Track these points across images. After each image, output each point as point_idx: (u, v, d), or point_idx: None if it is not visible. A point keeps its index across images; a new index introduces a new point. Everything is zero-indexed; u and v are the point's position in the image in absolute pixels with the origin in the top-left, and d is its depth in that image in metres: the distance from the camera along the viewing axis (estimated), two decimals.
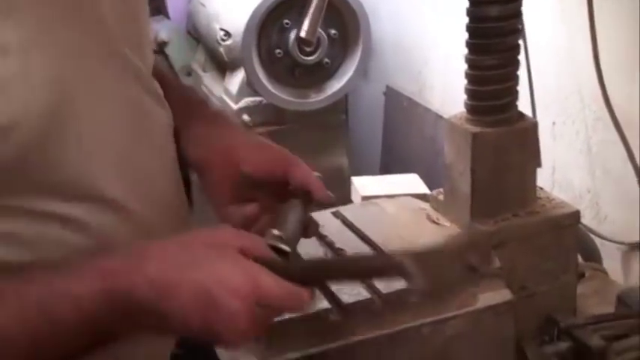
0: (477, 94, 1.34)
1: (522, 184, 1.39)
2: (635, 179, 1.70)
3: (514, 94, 1.36)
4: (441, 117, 2.33)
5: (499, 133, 1.34)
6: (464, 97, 1.39)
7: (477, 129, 1.33)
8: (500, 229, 1.35)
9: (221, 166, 1.00)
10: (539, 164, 1.82)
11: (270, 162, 1.01)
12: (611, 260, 1.82)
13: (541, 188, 1.48)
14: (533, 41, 1.79)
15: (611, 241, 1.82)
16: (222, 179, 1.00)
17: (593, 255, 1.75)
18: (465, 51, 1.36)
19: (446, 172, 1.43)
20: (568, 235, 1.41)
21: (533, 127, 1.38)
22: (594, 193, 1.89)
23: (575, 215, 1.41)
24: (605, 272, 1.70)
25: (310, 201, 1.01)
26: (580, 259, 1.74)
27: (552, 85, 1.92)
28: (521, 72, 1.78)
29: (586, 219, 1.86)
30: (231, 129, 1.07)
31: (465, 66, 1.37)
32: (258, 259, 0.79)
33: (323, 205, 1.04)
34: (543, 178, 1.92)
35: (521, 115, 1.38)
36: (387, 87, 2.91)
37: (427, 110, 2.54)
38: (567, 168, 1.96)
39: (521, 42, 1.41)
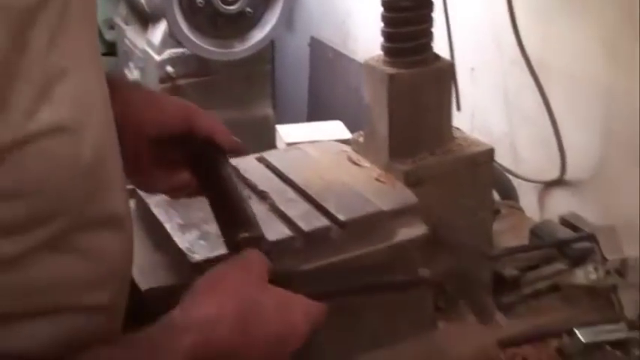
0: (392, 35, 1.38)
1: (439, 124, 1.43)
2: (548, 121, 1.77)
3: (429, 35, 1.40)
4: None
5: (415, 74, 1.38)
6: None
7: (393, 70, 1.37)
8: (417, 167, 1.39)
9: (128, 136, 0.94)
10: (458, 108, 1.88)
11: (172, 119, 1.00)
12: (528, 199, 1.90)
13: (457, 128, 1.52)
14: None
15: (527, 180, 1.89)
16: (133, 147, 0.98)
17: (509, 194, 1.82)
18: None
19: (365, 114, 1.46)
20: (483, 172, 1.47)
21: (448, 68, 1.42)
22: (511, 135, 1.96)
23: (490, 153, 1.46)
24: (521, 210, 1.78)
25: (221, 152, 1.03)
26: (497, 198, 1.81)
27: (470, 31, 1.97)
28: (440, 19, 1.84)
29: (504, 160, 1.93)
30: (124, 91, 0.99)
31: None
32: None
33: (234, 153, 1.04)
34: (463, 122, 1.98)
35: (437, 57, 1.42)
36: (312, 38, 2.94)
37: (351, 60, 2.57)
38: (486, 112, 2.02)
39: None
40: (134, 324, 0.77)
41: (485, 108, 2.01)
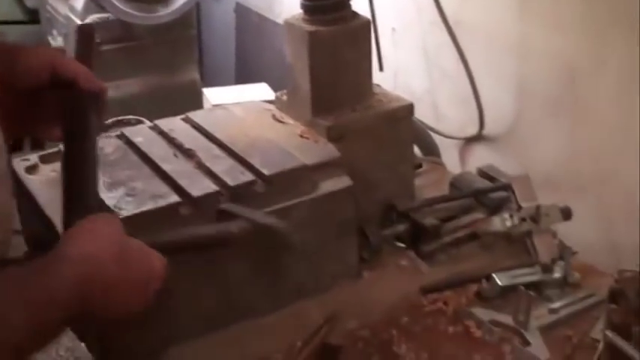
0: None
1: (359, 81, 1.47)
2: (467, 79, 1.82)
3: None
4: None
5: (334, 31, 1.41)
6: None
7: (312, 28, 1.40)
8: (339, 123, 1.43)
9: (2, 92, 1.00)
10: (380, 68, 1.92)
11: (36, 69, 1.00)
12: (450, 154, 1.96)
13: (378, 85, 1.57)
14: None
15: (448, 137, 1.95)
16: (10, 102, 1.00)
17: (431, 150, 1.87)
18: None
19: (287, 73, 1.49)
20: (403, 127, 1.51)
21: (366, 25, 1.45)
22: (433, 94, 2.01)
23: (410, 108, 1.51)
24: (443, 165, 1.83)
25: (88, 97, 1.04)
26: (420, 154, 1.87)
27: None
28: None
29: (426, 118, 1.99)
30: None
31: None
32: None
33: (96, 96, 1.05)
34: (386, 82, 2.02)
35: (355, 15, 1.46)
36: (237, 4, 2.94)
37: (276, 24, 2.59)
38: (407, 72, 2.07)
39: None
40: None
41: (406, 68, 2.06)
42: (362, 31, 1.45)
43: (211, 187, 1.29)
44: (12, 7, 3.04)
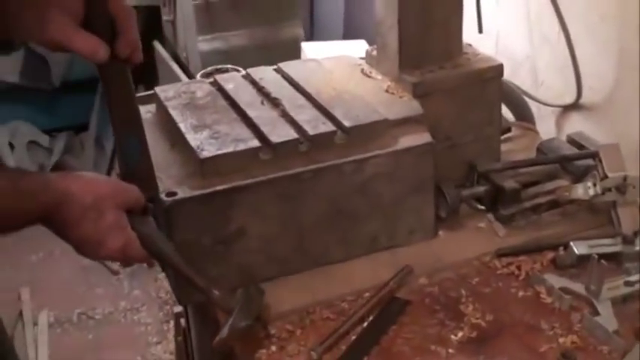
0: None
1: (447, 38, 1.46)
2: (566, 45, 1.78)
3: None
4: None
5: None
6: None
7: None
8: (425, 80, 1.43)
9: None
10: (480, 30, 1.89)
11: None
12: (546, 122, 1.92)
13: (469, 44, 1.55)
14: None
15: (545, 104, 1.91)
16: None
17: (525, 115, 1.84)
18: None
19: (377, 28, 1.50)
20: (491, 88, 1.50)
21: None
22: (532, 59, 1.97)
23: (498, 69, 1.49)
24: (535, 131, 1.80)
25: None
26: (513, 119, 1.84)
27: None
28: None
29: (525, 83, 1.95)
30: None
31: None
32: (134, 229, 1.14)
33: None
34: (487, 45, 2.00)
35: None
36: None
37: None
38: (509, 35, 2.03)
39: None
40: None
41: (508, 31, 2.02)
42: None
43: (291, 134, 1.32)
44: None
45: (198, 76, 1.93)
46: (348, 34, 2.90)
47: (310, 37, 3.09)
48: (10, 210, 1.04)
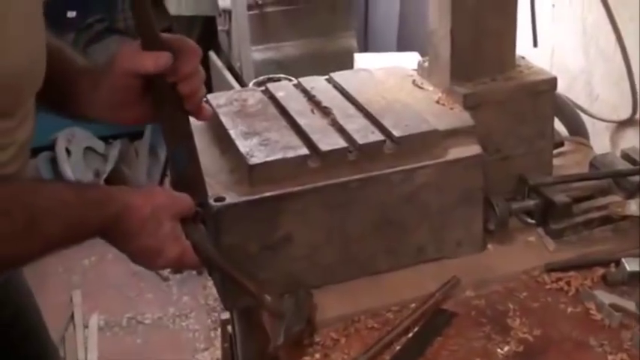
0: None
1: (501, 50, 1.45)
2: (622, 60, 1.75)
3: None
4: None
5: None
6: None
7: None
8: (476, 91, 1.42)
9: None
10: (535, 44, 1.88)
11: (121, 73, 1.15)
12: (601, 137, 1.90)
13: (523, 57, 1.54)
14: None
15: (600, 119, 1.88)
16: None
17: (579, 130, 1.82)
18: None
19: (430, 39, 1.49)
20: (544, 101, 1.48)
21: None
22: (588, 73, 1.94)
23: (552, 82, 1.47)
24: (588, 146, 1.77)
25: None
26: (567, 134, 1.82)
27: None
28: None
29: (580, 99, 1.93)
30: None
31: None
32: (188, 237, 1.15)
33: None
34: (543, 60, 1.98)
35: None
36: None
37: None
38: (564, 49, 2.01)
39: None
40: None
41: (564, 45, 2.00)
42: (507, 1, 1.42)
43: (340, 143, 1.32)
44: None
45: (250, 85, 1.95)
46: (402, 45, 2.90)
47: (364, 48, 3.10)
48: (76, 222, 1.05)
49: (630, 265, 1.32)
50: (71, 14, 3.98)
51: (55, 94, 1.18)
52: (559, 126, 1.78)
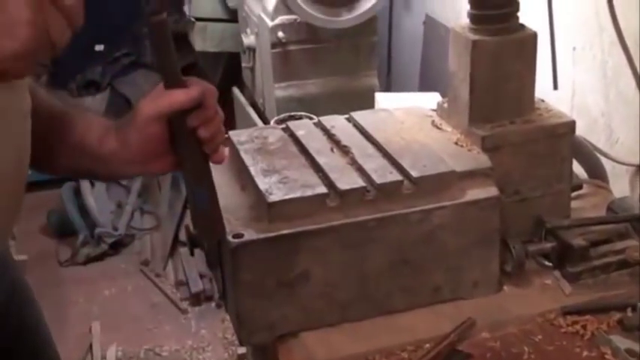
0: (478, 3, 1.42)
1: (520, 93, 1.46)
2: None
3: (514, 4, 1.42)
4: None
5: (498, 41, 1.42)
6: None
7: (477, 37, 1.41)
8: (494, 133, 1.43)
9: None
10: (555, 86, 1.90)
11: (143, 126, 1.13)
12: (621, 180, 1.90)
13: (542, 100, 1.55)
14: None
15: (618, 162, 1.88)
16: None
17: (598, 173, 1.82)
18: None
19: (449, 80, 1.51)
20: (563, 144, 1.49)
21: (532, 38, 1.44)
22: (608, 116, 1.95)
23: (570, 125, 1.48)
24: (607, 189, 1.78)
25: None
26: (586, 176, 1.82)
27: (572, 10, 1.97)
28: None
29: (600, 142, 1.94)
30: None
31: None
32: None
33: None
34: (563, 102, 2.00)
35: (522, 26, 1.45)
36: (427, 16, 2.98)
37: None
38: (585, 92, 2.02)
39: None
40: None
41: (584, 87, 2.01)
42: (527, 44, 1.44)
43: (358, 182, 1.34)
44: (216, 6, 3.26)
45: (272, 122, 1.97)
46: (424, 85, 2.92)
47: (387, 87, 3.13)
48: None
49: None
50: (99, 48, 4.06)
51: (79, 163, 1.17)
52: (578, 168, 1.79)
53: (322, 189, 1.32)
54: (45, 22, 0.79)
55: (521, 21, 1.47)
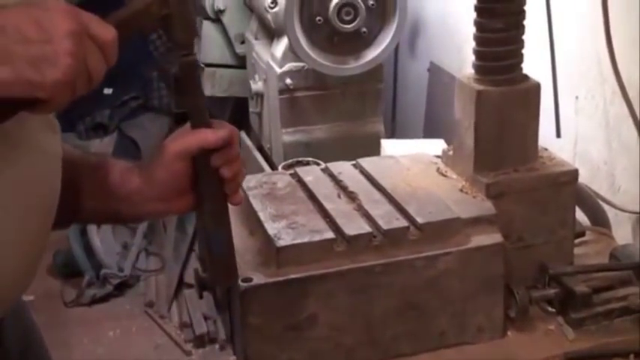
0: (483, 54, 1.46)
1: (524, 142, 1.50)
2: None
3: (518, 56, 1.47)
4: None
5: (502, 92, 1.45)
6: None
7: (481, 87, 1.45)
8: (498, 181, 1.46)
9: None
10: (558, 135, 1.93)
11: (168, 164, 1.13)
12: (624, 228, 1.92)
13: (545, 149, 1.58)
14: (556, 12, 1.89)
15: (623, 210, 1.91)
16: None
17: (600, 220, 1.84)
18: None
19: (455, 129, 1.55)
20: (566, 192, 1.52)
21: (536, 88, 1.48)
22: (610, 164, 1.98)
23: (573, 174, 1.51)
24: (610, 237, 1.80)
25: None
26: (589, 224, 1.84)
27: (574, 60, 2.01)
28: (545, 48, 1.90)
29: (602, 190, 1.96)
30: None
31: None
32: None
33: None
34: (566, 150, 2.03)
35: (525, 77, 1.49)
36: (431, 63, 3.03)
37: None
38: (587, 140, 2.05)
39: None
40: None
41: (586, 136, 2.05)
42: (531, 94, 1.48)
43: (365, 228, 1.37)
44: (225, 52, 3.31)
45: (279, 168, 2.01)
46: (429, 131, 2.96)
47: (391, 133, 3.17)
48: None
49: None
50: (107, 91, 4.11)
51: (103, 206, 1.17)
52: (581, 216, 1.81)
53: (330, 234, 1.35)
54: (84, 54, 0.85)
55: (525, 70, 1.51)
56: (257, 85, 2.73)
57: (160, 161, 1.13)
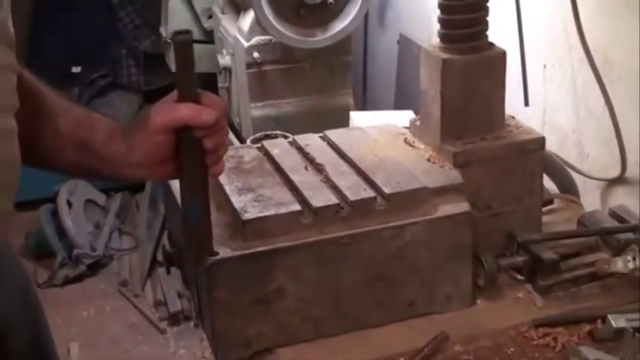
0: (447, 22, 1.45)
1: (490, 110, 1.49)
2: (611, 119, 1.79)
3: (484, 23, 1.46)
4: None
5: (467, 60, 1.45)
6: None
7: (447, 55, 1.44)
8: (466, 150, 1.46)
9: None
10: (526, 103, 1.92)
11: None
12: (592, 195, 1.93)
13: (512, 117, 1.58)
14: None
15: (590, 177, 1.92)
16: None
17: (569, 188, 1.85)
18: None
19: (421, 98, 1.54)
20: (533, 159, 1.52)
21: (501, 56, 1.47)
22: (578, 132, 1.98)
23: (540, 141, 1.51)
24: (578, 204, 1.81)
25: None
26: (557, 191, 1.85)
27: (542, 28, 2.01)
28: (512, 15, 1.89)
29: (571, 158, 1.97)
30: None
31: None
32: None
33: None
34: (534, 119, 2.03)
35: (491, 45, 1.48)
36: (401, 35, 3.02)
37: None
38: (556, 109, 2.05)
39: None
40: None
41: (555, 105, 2.05)
42: (496, 62, 1.47)
43: (332, 199, 1.36)
44: (192, 27, 3.27)
45: (248, 142, 1.99)
46: (400, 103, 2.95)
47: (363, 105, 3.16)
48: None
49: (616, 322, 1.34)
50: (76, 69, 4.06)
51: (83, 161, 1.18)
52: (549, 183, 1.82)
53: (296, 206, 1.34)
54: None
55: (491, 39, 1.51)
56: (225, 60, 2.70)
57: (145, 131, 1.13)
